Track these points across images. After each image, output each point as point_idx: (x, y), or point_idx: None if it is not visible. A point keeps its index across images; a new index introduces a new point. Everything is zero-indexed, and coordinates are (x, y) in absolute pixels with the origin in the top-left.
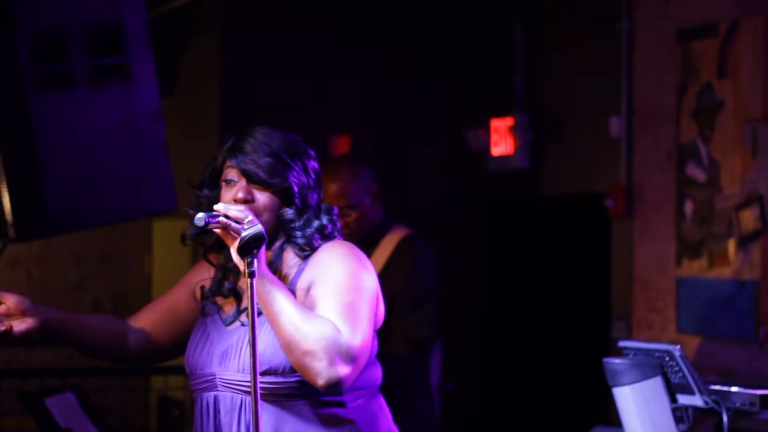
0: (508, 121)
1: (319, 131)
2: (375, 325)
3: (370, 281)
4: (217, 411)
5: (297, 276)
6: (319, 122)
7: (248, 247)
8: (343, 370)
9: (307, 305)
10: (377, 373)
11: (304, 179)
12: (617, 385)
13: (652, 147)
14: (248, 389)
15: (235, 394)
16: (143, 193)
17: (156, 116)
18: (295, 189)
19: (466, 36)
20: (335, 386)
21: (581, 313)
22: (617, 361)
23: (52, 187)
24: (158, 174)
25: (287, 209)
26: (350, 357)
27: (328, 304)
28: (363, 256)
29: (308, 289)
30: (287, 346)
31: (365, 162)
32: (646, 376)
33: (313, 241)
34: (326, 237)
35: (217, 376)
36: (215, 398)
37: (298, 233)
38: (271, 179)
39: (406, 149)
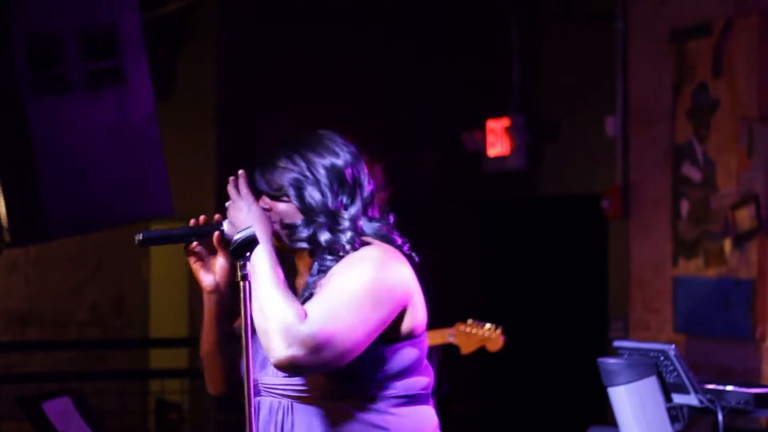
0: (504, 122)
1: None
2: (413, 331)
3: (385, 286)
4: (258, 416)
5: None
6: (316, 124)
7: (241, 250)
8: (295, 354)
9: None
10: (420, 382)
11: (308, 185)
12: (612, 385)
13: (647, 147)
14: (283, 392)
15: (273, 399)
16: (139, 196)
17: (151, 120)
18: (292, 192)
19: (463, 37)
20: (287, 369)
21: (579, 314)
22: (612, 361)
23: (48, 191)
24: (154, 178)
25: (298, 219)
26: (306, 345)
27: (318, 298)
28: (388, 259)
29: None
30: (255, 323)
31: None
32: (641, 376)
33: (330, 252)
34: (334, 251)
35: (259, 381)
36: (258, 403)
37: (304, 244)
38: (273, 190)
39: (402, 151)
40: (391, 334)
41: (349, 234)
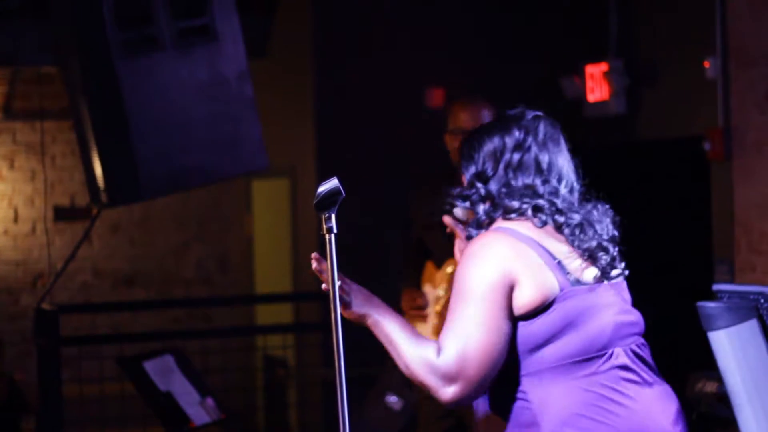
0: (603, 67)
1: (413, 85)
2: (536, 306)
3: (485, 279)
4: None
5: None
6: (413, 76)
7: (325, 203)
8: (449, 390)
9: None
10: (557, 353)
11: (470, 162)
12: (712, 329)
13: (748, 88)
14: None
15: None
16: (233, 153)
17: (244, 77)
18: (465, 173)
19: None
20: (455, 403)
21: (683, 258)
22: (711, 305)
23: (142, 151)
24: (248, 134)
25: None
26: (449, 377)
27: (448, 317)
28: (485, 247)
29: None
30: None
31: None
32: (741, 320)
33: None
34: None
35: None
36: None
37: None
38: (463, 161)
39: (500, 100)
40: (521, 313)
41: (481, 206)
